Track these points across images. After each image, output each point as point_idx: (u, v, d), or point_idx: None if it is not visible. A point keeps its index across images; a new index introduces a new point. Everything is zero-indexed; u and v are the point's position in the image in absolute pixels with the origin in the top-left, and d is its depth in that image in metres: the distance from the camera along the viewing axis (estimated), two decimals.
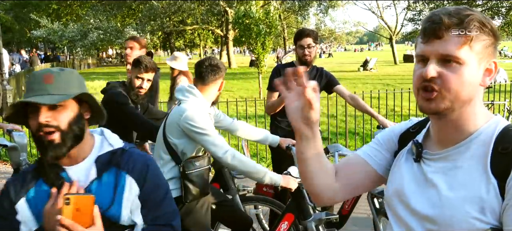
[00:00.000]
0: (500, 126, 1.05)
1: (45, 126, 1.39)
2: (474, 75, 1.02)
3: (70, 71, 1.49)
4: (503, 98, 8.48)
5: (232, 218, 3.08)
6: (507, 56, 36.63)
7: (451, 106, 1.04)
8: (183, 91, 2.66)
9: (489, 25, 1.02)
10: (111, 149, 1.54)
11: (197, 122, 2.51)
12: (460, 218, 1.01)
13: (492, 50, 1.04)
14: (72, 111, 1.44)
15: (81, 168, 1.49)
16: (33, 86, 1.42)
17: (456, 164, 1.06)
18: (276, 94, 3.65)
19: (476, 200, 1.00)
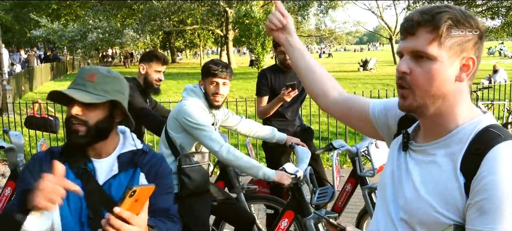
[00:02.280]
0: (481, 125, 1.04)
1: (75, 117, 1.52)
2: (444, 71, 1.03)
3: (115, 76, 1.61)
4: (503, 98, 8.48)
5: (234, 215, 3.08)
6: (507, 56, 36.63)
7: (423, 103, 1.06)
8: (187, 90, 2.77)
9: (467, 22, 1.02)
10: (133, 148, 1.65)
11: (194, 117, 2.60)
12: (425, 211, 1.04)
13: (470, 46, 1.03)
14: (102, 113, 1.56)
15: (105, 163, 1.61)
16: (77, 79, 1.56)
17: (433, 158, 1.08)
18: (265, 99, 3.70)
19: (442, 196, 1.02)
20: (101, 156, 1.62)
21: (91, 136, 1.54)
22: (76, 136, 1.53)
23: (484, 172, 0.97)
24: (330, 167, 5.93)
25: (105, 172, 1.60)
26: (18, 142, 3.52)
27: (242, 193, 3.28)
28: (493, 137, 1.00)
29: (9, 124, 8.22)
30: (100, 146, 1.59)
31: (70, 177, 1.54)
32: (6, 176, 5.15)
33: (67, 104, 1.58)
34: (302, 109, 6.71)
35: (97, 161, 1.61)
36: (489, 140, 1.00)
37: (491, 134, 1.01)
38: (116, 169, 1.60)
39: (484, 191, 0.96)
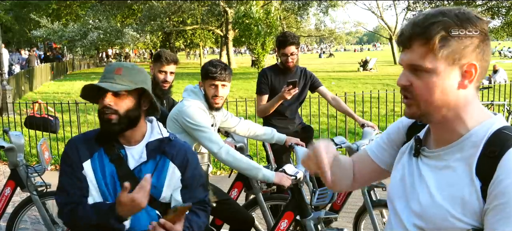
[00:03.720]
0: (493, 128, 1.03)
1: (107, 107, 1.68)
2: (443, 82, 1.02)
3: (138, 69, 1.78)
4: (503, 98, 8.48)
5: (234, 216, 3.07)
6: (507, 56, 36.62)
7: (426, 112, 1.06)
8: (188, 91, 2.77)
9: (463, 27, 0.99)
10: (160, 137, 1.81)
11: (193, 118, 2.60)
12: (441, 217, 1.03)
13: (469, 52, 1.00)
14: (131, 101, 1.71)
15: (135, 150, 1.77)
16: (106, 74, 1.73)
17: (447, 163, 1.06)
18: (265, 97, 3.72)
19: (458, 201, 1.01)
20: (131, 144, 1.78)
21: (123, 123, 1.70)
22: (109, 124, 1.69)
23: (501, 175, 0.95)
24: None
25: (135, 159, 1.76)
26: (18, 141, 3.51)
27: (260, 194, 3.27)
28: (507, 138, 0.99)
29: (9, 123, 8.22)
30: (130, 133, 1.75)
31: (105, 161, 1.74)
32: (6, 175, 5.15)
33: (96, 99, 1.75)
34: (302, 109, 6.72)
35: (128, 148, 1.77)
36: (503, 142, 0.99)
37: (505, 135, 1.00)
38: (145, 156, 1.76)
39: (502, 195, 0.94)
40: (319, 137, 7.43)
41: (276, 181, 2.61)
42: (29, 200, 3.50)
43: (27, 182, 3.43)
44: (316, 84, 3.91)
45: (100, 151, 1.76)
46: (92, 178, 1.73)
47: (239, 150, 3.32)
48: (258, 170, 2.61)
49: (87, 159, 1.74)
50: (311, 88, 3.93)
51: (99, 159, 1.75)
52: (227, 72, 2.69)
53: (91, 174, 1.73)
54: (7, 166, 3.61)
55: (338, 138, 3.29)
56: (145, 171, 1.74)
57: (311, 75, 3.90)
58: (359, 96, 7.17)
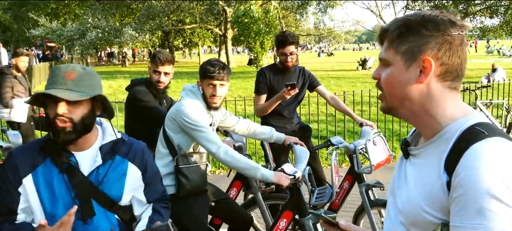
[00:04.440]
0: (467, 124, 1.05)
1: (61, 116, 1.58)
2: (401, 75, 1.10)
3: (90, 72, 1.68)
4: (502, 97, 8.49)
5: (232, 216, 3.07)
6: (505, 55, 36.67)
7: (392, 105, 1.14)
8: (186, 90, 2.76)
9: (424, 27, 1.06)
10: (113, 138, 1.75)
11: (192, 118, 2.59)
12: (416, 212, 1.07)
13: (428, 48, 1.06)
14: (86, 108, 1.63)
15: (87, 155, 1.70)
16: (56, 79, 1.60)
17: (425, 160, 1.11)
18: (263, 97, 3.72)
19: (429, 195, 1.05)
20: (83, 149, 1.70)
21: (78, 131, 1.62)
22: (64, 133, 1.60)
23: (460, 168, 0.98)
24: (328, 166, 5.94)
25: (89, 164, 1.69)
26: (16, 141, 3.51)
27: (259, 193, 3.27)
28: (476, 134, 1.01)
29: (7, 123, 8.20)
30: (82, 139, 1.67)
31: (54, 172, 1.64)
32: None
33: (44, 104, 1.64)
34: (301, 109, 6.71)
35: (79, 154, 1.69)
36: (471, 137, 1.01)
37: (475, 131, 1.02)
38: (100, 160, 1.70)
39: (460, 187, 0.97)
40: (318, 136, 7.43)
41: (274, 181, 2.61)
42: None
43: None
44: (315, 84, 3.91)
45: (45, 163, 1.66)
46: (33, 193, 1.63)
47: (238, 149, 3.32)
48: (256, 169, 2.61)
49: (27, 174, 1.63)
50: (310, 87, 3.93)
51: (45, 171, 1.65)
52: (225, 71, 2.68)
53: (32, 189, 1.63)
54: None
55: (335, 138, 3.29)
56: (102, 174, 1.69)
57: (310, 74, 3.91)
58: (358, 95, 7.17)
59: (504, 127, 7.67)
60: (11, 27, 34.19)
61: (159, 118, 3.00)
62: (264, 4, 24.52)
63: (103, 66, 36.98)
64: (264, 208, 3.32)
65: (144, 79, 3.30)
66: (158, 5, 24.90)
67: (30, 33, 26.91)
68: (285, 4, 29.88)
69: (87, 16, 25.36)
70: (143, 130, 3.04)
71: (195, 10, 27.16)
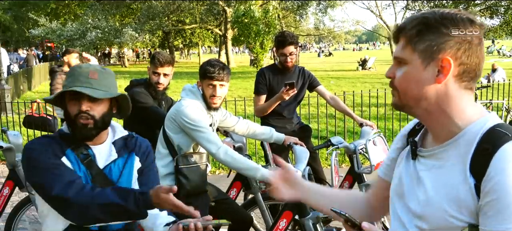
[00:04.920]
0: (487, 125, 1.04)
1: (84, 113, 1.67)
2: (418, 74, 1.07)
3: (109, 72, 1.79)
4: (502, 97, 8.49)
5: (232, 216, 3.07)
6: (505, 55, 36.68)
7: (406, 103, 1.12)
8: (186, 90, 2.75)
9: (442, 25, 1.04)
10: (123, 135, 1.86)
11: (192, 118, 2.59)
12: (439, 216, 1.05)
13: (447, 48, 1.04)
14: (105, 106, 1.73)
15: (102, 149, 1.79)
16: (79, 77, 1.69)
17: (442, 162, 1.08)
18: (263, 97, 3.72)
19: (454, 199, 1.03)
20: (96, 143, 1.78)
21: (98, 127, 1.72)
22: (86, 129, 1.69)
23: (492, 172, 0.97)
24: (328, 166, 5.93)
25: (104, 157, 1.78)
26: (16, 141, 3.51)
27: (259, 193, 3.27)
28: (500, 136, 1.01)
29: (7, 123, 8.20)
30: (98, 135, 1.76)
31: (74, 163, 1.72)
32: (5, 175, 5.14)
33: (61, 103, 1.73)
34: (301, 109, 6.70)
35: (95, 147, 1.77)
36: (496, 139, 1.00)
37: (498, 133, 1.01)
38: (115, 154, 1.79)
39: (493, 191, 0.96)
40: (318, 136, 7.43)
41: None
42: (28, 199, 3.50)
43: (26, 182, 3.43)
44: (315, 84, 3.91)
45: (67, 151, 1.72)
46: None
47: (238, 150, 3.32)
48: (256, 169, 2.60)
49: (62, 156, 1.70)
50: (309, 87, 3.93)
51: (72, 158, 1.72)
52: (225, 72, 2.68)
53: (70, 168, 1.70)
54: (6, 166, 3.60)
55: (335, 138, 3.29)
56: (115, 169, 1.77)
57: (309, 74, 3.90)
58: (358, 96, 7.17)
59: None
60: (11, 27, 34.20)
61: (158, 119, 3.00)
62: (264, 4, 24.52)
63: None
64: (264, 208, 3.32)
65: (143, 80, 3.30)
66: (158, 5, 24.90)
67: (30, 33, 26.89)
68: (285, 4, 29.87)
69: (87, 16, 25.36)
70: (142, 130, 3.04)
71: (195, 10, 27.16)
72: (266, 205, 3.36)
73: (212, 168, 6.20)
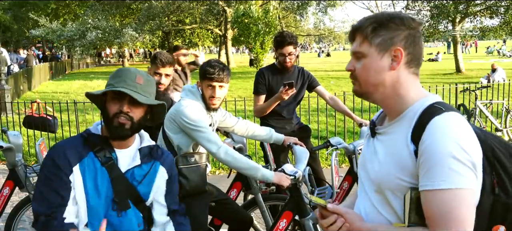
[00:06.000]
0: (427, 102, 1.26)
1: (125, 113, 1.73)
2: (376, 64, 1.29)
3: (152, 80, 1.87)
4: (502, 97, 8.49)
5: (232, 216, 3.07)
6: (505, 55, 36.65)
7: (367, 90, 1.33)
8: (186, 90, 2.76)
9: (392, 22, 1.27)
10: (149, 144, 1.91)
11: (191, 119, 2.59)
12: (389, 179, 1.27)
13: (398, 41, 1.27)
14: (143, 111, 1.80)
15: (126, 153, 1.84)
16: (126, 80, 1.75)
17: (392, 136, 1.31)
18: (262, 97, 3.72)
19: (400, 163, 1.25)
20: (123, 147, 1.83)
21: (133, 130, 1.78)
22: (123, 129, 1.75)
23: (425, 137, 1.19)
24: (328, 166, 5.93)
25: (127, 162, 1.83)
26: (16, 141, 3.51)
27: (260, 194, 3.27)
28: (435, 110, 1.22)
29: (7, 123, 8.21)
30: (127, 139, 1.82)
31: (97, 165, 1.77)
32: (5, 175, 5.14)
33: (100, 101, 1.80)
34: (300, 108, 6.70)
35: (120, 151, 1.82)
36: (432, 112, 1.22)
37: (434, 108, 1.23)
38: (139, 160, 1.84)
39: (425, 152, 1.18)
40: (318, 136, 7.43)
41: (275, 181, 2.61)
42: (28, 200, 3.50)
43: (26, 182, 3.43)
44: (314, 84, 3.91)
45: (89, 155, 1.77)
46: (80, 183, 1.74)
47: (238, 150, 3.32)
48: (257, 169, 2.61)
49: (76, 163, 1.74)
50: (309, 88, 3.93)
51: (89, 163, 1.76)
52: (225, 73, 2.67)
53: (79, 178, 1.74)
54: (6, 166, 3.60)
55: (334, 139, 3.28)
56: (137, 174, 1.83)
57: (309, 75, 3.90)
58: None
59: (504, 127, 7.67)
60: (11, 27, 34.17)
61: None
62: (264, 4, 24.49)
63: (103, 67, 36.99)
64: (264, 209, 3.32)
65: None
66: (158, 5, 24.87)
67: (30, 34, 26.87)
68: (285, 4, 29.86)
69: (87, 16, 25.34)
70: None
71: (195, 11, 27.14)
72: (266, 205, 3.36)
73: (212, 168, 6.20)
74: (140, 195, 1.84)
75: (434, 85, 7.67)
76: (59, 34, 23.77)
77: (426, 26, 22.13)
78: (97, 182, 1.76)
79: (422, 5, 22.64)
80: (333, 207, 1.34)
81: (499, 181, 1.27)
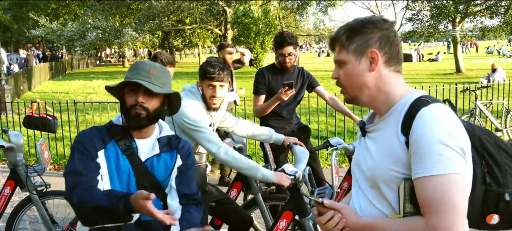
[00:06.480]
0: (414, 96, 1.31)
1: (140, 104, 1.81)
2: (356, 68, 1.35)
3: (166, 71, 1.93)
4: (502, 97, 8.49)
5: (232, 216, 3.07)
6: (505, 55, 36.65)
7: (354, 95, 1.39)
8: (186, 91, 2.76)
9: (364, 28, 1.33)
10: (168, 134, 1.98)
11: (191, 119, 2.60)
12: (383, 172, 1.31)
13: (372, 44, 1.33)
14: (159, 101, 1.88)
15: (146, 143, 1.92)
16: (141, 72, 1.83)
17: (382, 132, 1.35)
18: (262, 97, 3.72)
19: (392, 155, 1.29)
20: (143, 137, 1.91)
21: (149, 119, 1.85)
22: (139, 119, 1.83)
23: (414, 127, 1.24)
24: (328, 166, 5.94)
25: (146, 151, 1.90)
26: (17, 141, 3.51)
27: (259, 194, 3.27)
28: (422, 102, 1.27)
29: (7, 123, 8.21)
30: (146, 129, 1.90)
31: (118, 153, 1.85)
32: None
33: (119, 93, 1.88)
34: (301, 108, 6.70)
35: (140, 141, 1.90)
36: (419, 104, 1.27)
37: (421, 100, 1.28)
38: (158, 149, 1.91)
39: (415, 142, 1.22)
40: (318, 136, 7.43)
41: (275, 181, 2.61)
42: (29, 199, 3.51)
43: (27, 182, 3.43)
44: (314, 84, 3.91)
45: (112, 143, 1.87)
46: (104, 167, 1.84)
47: (238, 150, 3.32)
48: (257, 169, 2.61)
49: (101, 149, 1.84)
50: (309, 88, 3.93)
51: (111, 150, 1.86)
52: (225, 72, 2.68)
53: (104, 163, 1.84)
54: (7, 166, 3.60)
55: (334, 139, 3.28)
56: (156, 164, 1.90)
57: (309, 75, 3.90)
58: None
59: (504, 127, 7.67)
60: (11, 27, 34.15)
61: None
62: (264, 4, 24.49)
63: (103, 66, 36.99)
64: (264, 209, 3.32)
65: None
66: (158, 5, 24.86)
67: (30, 34, 26.86)
68: (285, 4, 29.85)
69: (87, 16, 25.33)
70: None
71: (195, 11, 27.12)
72: (266, 205, 3.37)
73: (212, 168, 6.20)
74: (159, 183, 1.91)
75: (434, 85, 7.67)
76: (59, 34, 23.75)
77: (426, 26, 22.14)
78: (119, 168, 1.84)
79: (422, 5, 22.63)
80: (330, 203, 1.38)
81: (489, 171, 1.33)
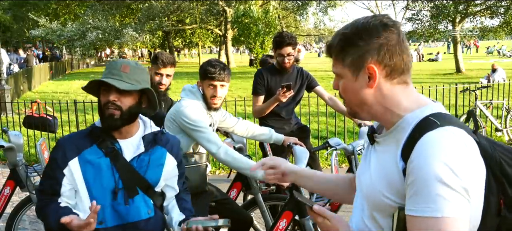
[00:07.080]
0: (423, 114, 1.12)
1: (112, 102, 1.78)
2: (351, 84, 1.19)
3: (142, 68, 1.90)
4: (502, 97, 8.49)
5: (232, 216, 3.07)
6: (506, 55, 36.66)
7: (354, 110, 1.24)
8: (186, 90, 2.76)
9: (359, 37, 1.14)
10: (153, 130, 1.95)
11: (192, 119, 2.60)
12: (376, 196, 1.16)
13: (369, 57, 1.14)
14: (134, 99, 1.83)
15: (130, 142, 1.88)
16: (112, 70, 1.80)
17: (385, 148, 1.19)
18: (261, 98, 3.72)
19: (388, 180, 1.13)
20: (126, 137, 1.88)
21: (124, 119, 1.81)
22: (112, 119, 1.79)
23: (413, 155, 1.06)
24: (328, 167, 5.93)
25: (131, 150, 1.87)
26: (17, 141, 3.52)
27: (259, 194, 3.27)
28: (429, 124, 1.08)
29: (7, 123, 8.21)
30: (126, 128, 1.86)
31: (100, 156, 1.82)
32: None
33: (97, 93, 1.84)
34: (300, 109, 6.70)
35: (123, 141, 1.87)
36: (424, 127, 1.08)
37: (428, 121, 1.09)
38: (143, 148, 1.88)
39: (412, 173, 1.05)
40: (318, 136, 7.44)
41: None
42: (29, 199, 3.51)
43: (27, 182, 3.43)
44: (313, 84, 3.91)
45: (92, 147, 1.84)
46: (79, 174, 1.81)
47: (238, 150, 3.32)
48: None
49: (74, 157, 1.81)
50: (308, 88, 3.93)
51: (91, 154, 1.83)
52: (226, 72, 2.68)
53: (78, 171, 1.81)
54: (7, 166, 3.60)
55: (333, 140, 3.28)
56: (144, 161, 1.87)
57: (308, 75, 3.90)
58: None
59: (504, 127, 7.67)
60: (11, 27, 34.15)
61: (157, 119, 3.01)
62: (264, 5, 24.50)
63: (103, 66, 36.94)
64: (264, 209, 3.32)
65: None
66: (158, 5, 24.86)
67: (30, 34, 26.86)
68: (285, 4, 29.85)
69: (87, 16, 25.34)
70: None
71: (195, 11, 27.12)
72: (266, 205, 3.37)
73: (212, 168, 6.20)
74: (148, 182, 1.88)
75: (434, 85, 7.67)
76: (59, 34, 23.76)
77: (426, 26, 22.13)
78: (100, 173, 1.81)
79: (422, 5, 22.63)
80: (319, 209, 1.27)
81: (506, 201, 1.12)
